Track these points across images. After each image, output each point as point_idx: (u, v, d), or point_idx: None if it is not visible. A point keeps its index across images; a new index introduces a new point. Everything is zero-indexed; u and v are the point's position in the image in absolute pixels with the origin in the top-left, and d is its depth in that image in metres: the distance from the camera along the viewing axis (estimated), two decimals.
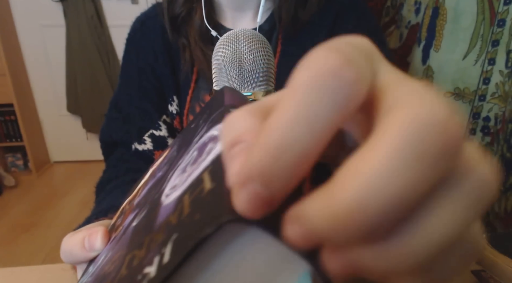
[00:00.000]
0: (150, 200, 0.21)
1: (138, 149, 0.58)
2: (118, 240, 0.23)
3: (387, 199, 0.09)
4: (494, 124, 0.57)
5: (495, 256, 0.36)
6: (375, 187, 0.09)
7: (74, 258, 0.28)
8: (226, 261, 0.13)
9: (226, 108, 0.22)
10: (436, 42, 0.59)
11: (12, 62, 2.13)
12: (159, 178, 0.25)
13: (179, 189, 0.17)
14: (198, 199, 0.14)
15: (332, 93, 0.10)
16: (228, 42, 0.36)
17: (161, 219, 0.16)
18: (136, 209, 0.24)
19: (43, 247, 1.70)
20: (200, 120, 0.27)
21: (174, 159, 0.25)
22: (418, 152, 0.09)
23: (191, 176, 0.17)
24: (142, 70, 0.58)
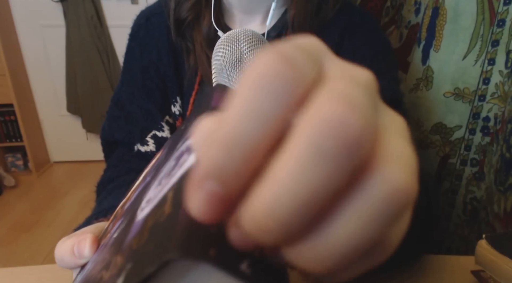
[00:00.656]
0: (132, 210, 0.21)
1: (141, 151, 0.57)
2: (103, 248, 0.22)
3: (293, 204, 0.10)
4: (494, 124, 0.57)
5: (494, 256, 0.36)
6: (282, 193, 0.10)
7: (66, 265, 0.28)
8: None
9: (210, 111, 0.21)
10: (436, 42, 0.59)
11: (12, 62, 2.13)
12: (147, 183, 0.24)
13: (150, 205, 0.17)
14: (156, 225, 0.14)
15: (274, 90, 0.11)
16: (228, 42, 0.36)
17: (129, 239, 0.16)
18: (123, 217, 0.23)
19: (43, 247, 1.70)
20: (189, 122, 0.26)
21: (161, 164, 0.24)
22: (320, 154, 0.10)
23: (162, 192, 0.17)
24: (145, 69, 0.57)
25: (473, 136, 0.59)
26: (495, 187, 0.56)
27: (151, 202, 0.17)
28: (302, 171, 0.10)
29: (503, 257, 0.35)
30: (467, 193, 0.61)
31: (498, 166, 0.55)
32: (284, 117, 0.11)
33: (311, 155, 0.10)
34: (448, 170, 0.62)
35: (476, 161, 0.60)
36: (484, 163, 0.59)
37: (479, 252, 0.37)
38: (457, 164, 0.62)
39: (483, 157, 0.59)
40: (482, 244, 0.37)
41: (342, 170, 0.10)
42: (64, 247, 0.27)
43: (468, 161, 0.61)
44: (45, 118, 2.40)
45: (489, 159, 0.58)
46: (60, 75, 2.28)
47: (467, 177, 0.61)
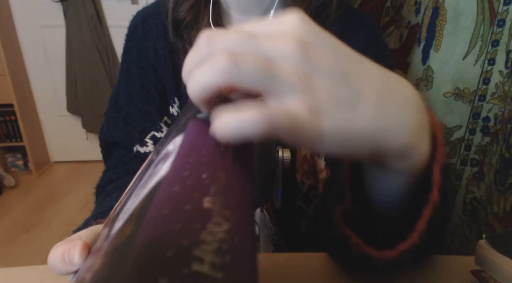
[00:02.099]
0: (113, 220, 0.20)
1: (140, 152, 0.57)
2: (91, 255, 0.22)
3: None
4: (494, 124, 0.56)
5: (494, 256, 0.35)
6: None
7: (58, 271, 0.28)
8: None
9: (194, 112, 0.22)
10: (436, 42, 0.59)
11: (12, 62, 2.13)
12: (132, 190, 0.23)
13: (122, 219, 0.16)
14: (118, 247, 0.13)
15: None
16: None
17: (100, 256, 0.15)
18: (107, 227, 0.22)
19: (43, 247, 1.70)
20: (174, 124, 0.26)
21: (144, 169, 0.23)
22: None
23: (133, 205, 0.16)
24: (143, 70, 0.57)
25: (473, 136, 0.59)
26: (495, 187, 0.56)
27: (125, 213, 0.17)
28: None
29: (504, 257, 0.34)
30: (467, 193, 0.61)
31: (498, 166, 0.55)
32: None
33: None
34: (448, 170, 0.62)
35: (476, 161, 0.60)
36: (484, 163, 0.59)
37: (479, 252, 0.37)
38: (457, 164, 0.62)
39: (483, 157, 0.59)
40: (482, 244, 0.37)
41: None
42: (55, 254, 0.27)
43: (468, 161, 0.60)
44: (45, 118, 2.40)
45: (489, 159, 0.58)
46: (60, 75, 2.28)
47: (467, 177, 0.61)
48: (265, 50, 0.20)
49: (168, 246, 0.12)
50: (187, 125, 0.20)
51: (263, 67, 0.19)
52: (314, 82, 0.20)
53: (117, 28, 2.19)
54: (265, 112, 0.18)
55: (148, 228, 0.13)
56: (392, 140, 0.22)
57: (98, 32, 2.17)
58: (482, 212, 0.59)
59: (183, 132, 0.20)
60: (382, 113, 0.21)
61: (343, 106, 0.20)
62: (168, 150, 0.19)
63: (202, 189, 0.15)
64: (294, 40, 0.20)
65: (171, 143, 0.20)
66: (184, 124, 0.21)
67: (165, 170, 0.16)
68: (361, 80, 0.21)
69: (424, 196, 0.27)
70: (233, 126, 0.18)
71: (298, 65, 0.20)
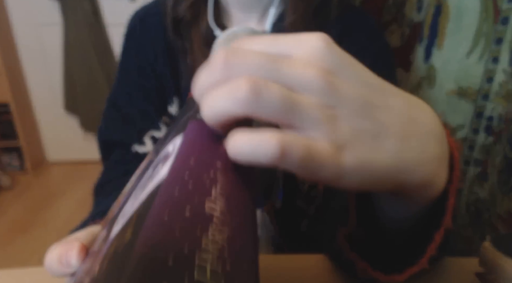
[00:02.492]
0: (112, 221, 0.20)
1: (139, 152, 0.56)
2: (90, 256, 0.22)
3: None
4: (498, 123, 0.56)
5: (498, 258, 0.35)
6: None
7: (54, 273, 0.27)
8: None
9: (194, 112, 0.21)
10: (439, 41, 0.59)
11: (8, 61, 2.12)
12: (129, 191, 0.23)
13: (120, 223, 0.16)
14: (116, 253, 0.13)
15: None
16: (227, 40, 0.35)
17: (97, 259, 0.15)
18: (105, 228, 0.22)
19: (39, 248, 1.69)
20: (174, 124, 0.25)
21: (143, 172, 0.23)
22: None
23: (132, 208, 0.16)
24: (142, 69, 0.57)
25: (476, 135, 0.59)
26: (498, 187, 0.56)
27: (125, 216, 0.17)
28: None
29: (508, 259, 0.34)
30: (470, 194, 0.61)
31: (501, 167, 0.55)
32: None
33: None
34: None
35: (479, 161, 0.59)
36: (488, 163, 0.58)
37: (483, 254, 0.36)
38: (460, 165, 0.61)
39: (487, 157, 0.58)
40: (486, 246, 0.36)
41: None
42: (51, 256, 0.26)
43: (471, 161, 0.60)
44: (41, 117, 2.39)
45: (493, 159, 0.57)
46: (57, 74, 2.27)
47: (470, 177, 0.60)
48: (288, 78, 0.19)
49: (169, 254, 0.12)
50: (187, 125, 0.20)
51: (286, 100, 0.18)
52: (338, 115, 0.19)
53: (115, 26, 2.18)
54: (283, 139, 0.17)
55: (148, 235, 0.13)
56: (415, 174, 0.21)
57: (95, 30, 2.16)
58: (486, 213, 0.59)
59: (183, 132, 0.19)
60: (406, 148, 0.20)
61: (367, 141, 0.19)
62: (168, 152, 0.19)
63: (202, 193, 0.15)
64: (320, 70, 0.19)
65: (171, 144, 0.19)
66: (184, 123, 0.21)
67: (164, 173, 0.16)
68: (385, 112, 0.20)
69: (437, 220, 0.26)
70: (246, 149, 0.17)
71: (323, 98, 0.19)
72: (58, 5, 2.12)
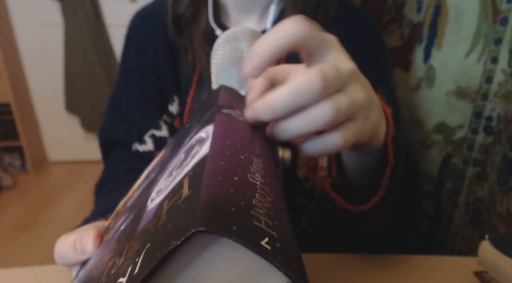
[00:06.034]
0: (139, 204, 0.22)
1: (139, 150, 0.57)
2: (107, 244, 0.23)
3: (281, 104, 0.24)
4: (497, 123, 0.56)
5: (497, 257, 0.35)
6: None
7: (67, 261, 0.27)
8: (196, 272, 0.13)
9: (218, 108, 0.24)
10: (438, 41, 0.59)
11: (10, 61, 2.12)
12: (151, 180, 0.25)
13: (163, 194, 0.17)
14: (174, 207, 0.14)
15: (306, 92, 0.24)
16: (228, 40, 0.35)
17: (142, 226, 0.16)
18: (127, 212, 0.24)
19: (41, 247, 1.69)
20: (194, 120, 0.27)
21: (166, 160, 0.25)
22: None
23: (175, 181, 0.17)
24: (142, 68, 0.57)
25: (475, 135, 0.59)
26: (498, 187, 0.56)
27: (162, 191, 0.18)
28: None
29: (506, 258, 0.34)
30: (470, 193, 0.61)
31: (501, 166, 0.55)
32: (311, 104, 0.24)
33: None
34: (450, 170, 0.62)
35: (478, 161, 0.59)
36: (487, 163, 0.58)
37: (482, 253, 0.37)
38: (459, 164, 0.61)
39: (486, 157, 0.58)
40: (485, 245, 0.37)
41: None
42: (65, 243, 0.27)
43: (470, 161, 0.60)
44: (42, 117, 2.39)
45: (492, 159, 0.57)
46: (58, 74, 2.27)
47: (469, 177, 0.60)
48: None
49: (230, 204, 0.14)
50: (215, 118, 0.22)
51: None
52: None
53: (115, 26, 2.19)
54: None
55: (209, 189, 0.14)
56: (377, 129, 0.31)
57: (96, 31, 2.16)
58: (485, 213, 0.59)
59: (212, 123, 0.22)
60: (378, 114, 0.30)
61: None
62: (202, 137, 0.21)
63: (243, 167, 0.17)
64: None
65: (202, 132, 0.21)
66: (210, 117, 0.23)
67: (205, 149, 0.18)
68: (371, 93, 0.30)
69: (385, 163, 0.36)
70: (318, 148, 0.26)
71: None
72: (59, 6, 2.12)
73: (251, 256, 0.13)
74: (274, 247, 0.13)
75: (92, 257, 0.25)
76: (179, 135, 0.29)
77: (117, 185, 0.52)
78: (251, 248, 0.12)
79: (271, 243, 0.13)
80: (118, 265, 0.15)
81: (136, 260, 0.13)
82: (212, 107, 0.25)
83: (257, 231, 0.13)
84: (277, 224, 0.14)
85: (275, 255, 0.13)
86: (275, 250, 0.13)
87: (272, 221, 0.14)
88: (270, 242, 0.13)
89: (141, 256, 0.13)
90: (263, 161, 0.20)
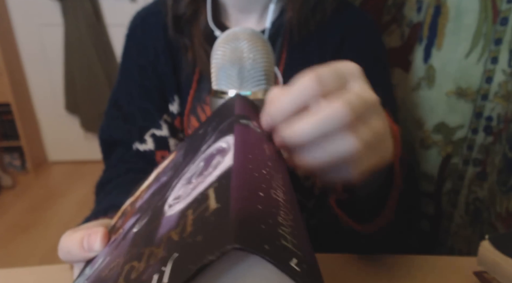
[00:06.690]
0: (153, 207, 0.22)
1: (139, 150, 0.57)
2: (117, 244, 0.23)
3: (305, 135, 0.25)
4: (497, 123, 0.56)
5: (497, 257, 0.35)
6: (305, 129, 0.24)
7: (72, 257, 0.27)
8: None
9: (236, 118, 0.24)
10: (438, 41, 0.59)
11: (10, 61, 2.12)
12: (164, 183, 0.25)
13: (183, 202, 0.18)
14: (201, 218, 0.14)
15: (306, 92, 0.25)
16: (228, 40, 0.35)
17: (163, 232, 0.17)
18: (138, 214, 0.24)
19: (40, 247, 1.69)
20: (209, 127, 0.27)
21: (180, 165, 0.25)
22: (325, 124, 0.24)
23: (196, 190, 0.18)
24: (142, 68, 0.57)
25: (475, 135, 0.59)
26: (498, 187, 0.56)
27: (182, 199, 0.18)
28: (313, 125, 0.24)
29: (506, 258, 0.34)
30: (470, 193, 0.61)
31: (501, 166, 0.55)
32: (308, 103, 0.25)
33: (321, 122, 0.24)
34: (450, 170, 0.62)
35: (478, 161, 0.59)
36: (487, 163, 0.58)
37: (482, 253, 0.37)
38: (459, 164, 0.61)
39: (486, 157, 0.58)
40: (484, 245, 0.37)
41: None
42: (72, 239, 0.27)
43: (470, 161, 0.60)
44: (42, 117, 2.39)
45: (492, 159, 0.58)
46: (58, 74, 2.27)
47: (469, 177, 0.61)
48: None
49: (259, 221, 0.14)
50: (234, 128, 0.23)
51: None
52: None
53: (115, 27, 2.19)
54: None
55: (238, 204, 0.14)
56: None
57: (96, 31, 2.16)
58: (485, 213, 0.59)
59: (231, 133, 0.22)
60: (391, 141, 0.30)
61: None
62: (223, 146, 0.21)
63: (266, 182, 0.17)
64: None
65: (222, 141, 0.22)
66: (229, 127, 0.24)
67: (229, 161, 0.18)
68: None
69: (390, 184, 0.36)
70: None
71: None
72: (59, 6, 2.12)
73: (280, 276, 0.13)
74: (303, 268, 0.13)
75: (99, 256, 0.25)
76: (191, 140, 0.29)
77: (118, 185, 0.52)
78: (283, 269, 0.13)
79: (299, 265, 0.13)
80: (140, 270, 0.15)
81: (162, 269, 0.13)
82: (229, 116, 0.26)
83: (286, 251, 0.13)
84: (300, 243, 0.15)
85: (304, 277, 0.13)
86: (303, 271, 0.13)
87: (297, 241, 0.15)
88: (299, 264, 0.13)
89: (167, 265, 0.13)
90: (283, 177, 0.20)
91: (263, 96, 0.35)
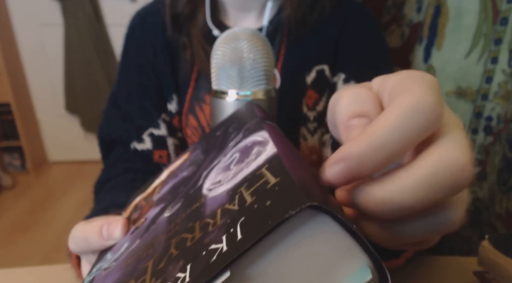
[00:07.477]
0: (183, 194, 0.23)
1: (137, 149, 0.57)
2: (143, 230, 0.24)
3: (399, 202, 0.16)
4: (497, 123, 0.56)
5: (497, 257, 0.35)
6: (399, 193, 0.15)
7: (88, 245, 0.27)
8: (294, 243, 0.14)
9: (261, 119, 0.25)
10: (438, 41, 0.59)
11: (10, 61, 2.12)
12: (186, 177, 0.26)
13: (229, 183, 0.19)
14: (262, 190, 0.16)
15: (413, 127, 0.15)
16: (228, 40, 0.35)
17: (213, 207, 0.18)
18: (161, 204, 0.25)
19: (40, 247, 1.69)
20: (229, 128, 0.29)
21: (203, 161, 0.27)
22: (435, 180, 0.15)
23: (242, 172, 0.19)
24: (141, 67, 0.58)
25: (475, 135, 0.59)
26: (498, 187, 0.56)
27: (224, 182, 0.20)
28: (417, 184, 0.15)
29: (506, 259, 0.34)
30: (469, 194, 0.61)
31: (500, 166, 0.55)
32: (414, 144, 0.16)
33: (430, 177, 0.15)
34: None
35: (478, 161, 0.59)
36: (487, 163, 0.58)
37: (482, 253, 0.37)
38: None
39: (486, 157, 0.58)
40: (485, 245, 0.37)
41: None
42: (90, 228, 0.27)
43: None
44: (42, 117, 2.40)
45: (492, 159, 0.57)
46: (58, 74, 2.27)
47: None
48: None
49: (317, 192, 0.15)
50: (264, 126, 0.23)
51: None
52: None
53: (115, 26, 2.19)
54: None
55: (297, 176, 0.15)
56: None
57: (96, 31, 2.16)
58: (485, 213, 0.59)
59: (263, 130, 0.23)
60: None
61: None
62: (258, 140, 0.22)
63: (309, 172, 0.18)
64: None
65: (256, 135, 0.22)
66: (257, 125, 0.24)
67: (272, 149, 0.19)
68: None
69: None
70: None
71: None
72: (59, 6, 2.13)
73: (342, 237, 0.14)
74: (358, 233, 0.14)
75: (120, 243, 0.26)
76: (208, 141, 0.31)
77: (118, 184, 0.52)
78: (352, 228, 0.14)
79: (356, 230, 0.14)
80: (197, 238, 0.16)
81: (231, 230, 0.14)
82: (251, 118, 0.27)
83: (346, 216, 0.15)
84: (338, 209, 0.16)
85: (362, 242, 0.14)
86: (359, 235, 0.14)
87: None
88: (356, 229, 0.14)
89: (237, 227, 0.14)
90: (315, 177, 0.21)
91: (263, 96, 0.36)
